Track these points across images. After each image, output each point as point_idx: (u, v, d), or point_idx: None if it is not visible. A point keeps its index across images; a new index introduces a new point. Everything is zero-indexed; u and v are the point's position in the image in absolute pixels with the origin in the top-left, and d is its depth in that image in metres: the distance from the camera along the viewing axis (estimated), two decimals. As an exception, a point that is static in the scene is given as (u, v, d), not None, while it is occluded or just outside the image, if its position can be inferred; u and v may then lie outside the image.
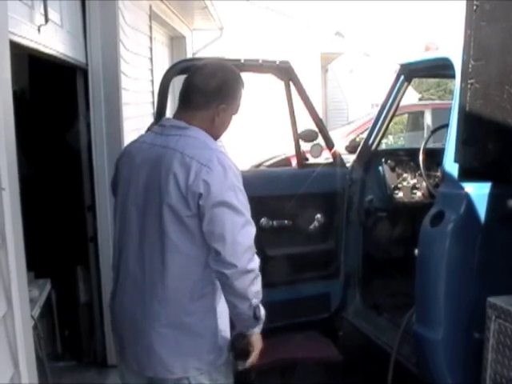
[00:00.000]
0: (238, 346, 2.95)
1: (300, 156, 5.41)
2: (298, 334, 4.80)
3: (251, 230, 2.83)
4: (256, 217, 4.82)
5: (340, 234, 5.51)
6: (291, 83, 5.21)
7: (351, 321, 5.57)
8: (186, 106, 2.99)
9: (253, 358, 2.99)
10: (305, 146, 5.47)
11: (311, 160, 5.53)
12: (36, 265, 4.36)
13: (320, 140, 5.39)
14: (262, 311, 2.92)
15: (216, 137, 3.03)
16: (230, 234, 2.73)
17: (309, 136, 5.29)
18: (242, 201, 2.82)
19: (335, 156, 5.50)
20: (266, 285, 4.93)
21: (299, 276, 5.25)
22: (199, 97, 2.94)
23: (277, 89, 5.29)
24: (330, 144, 5.50)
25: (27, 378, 2.15)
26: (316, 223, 5.25)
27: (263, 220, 4.99)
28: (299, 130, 5.32)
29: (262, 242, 4.93)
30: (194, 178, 2.72)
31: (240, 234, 2.76)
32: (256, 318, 2.87)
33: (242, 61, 5.06)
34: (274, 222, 5.03)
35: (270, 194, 5.05)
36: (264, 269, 4.87)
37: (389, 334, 4.97)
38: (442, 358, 4.09)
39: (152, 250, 2.86)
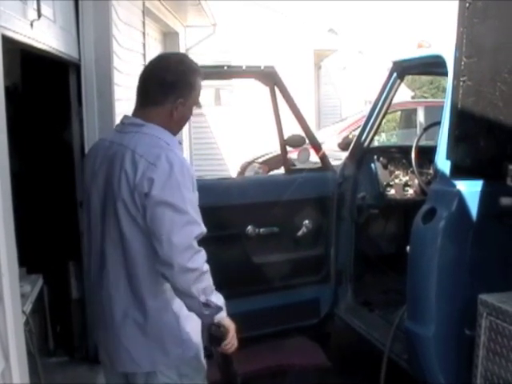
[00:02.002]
0: (216, 334, 2.94)
1: (286, 161, 5.38)
2: (286, 340, 4.80)
3: (192, 230, 2.76)
4: (243, 224, 4.85)
5: (330, 238, 5.49)
6: (276, 88, 5.17)
7: (343, 317, 5.57)
8: (144, 103, 2.99)
9: (231, 339, 2.97)
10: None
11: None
12: (28, 260, 4.35)
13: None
14: (216, 299, 2.85)
15: (176, 131, 3.04)
16: (166, 234, 2.71)
17: (296, 141, 5.27)
18: (186, 199, 2.77)
19: (323, 160, 5.47)
20: (255, 292, 4.97)
21: (289, 282, 5.22)
22: (157, 92, 2.94)
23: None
24: (318, 148, 5.47)
25: (18, 373, 2.14)
26: (305, 229, 5.22)
27: (249, 228, 4.96)
28: (288, 135, 5.29)
29: (250, 249, 4.94)
30: (140, 176, 2.73)
31: (177, 234, 2.71)
32: (212, 307, 2.82)
33: (225, 67, 5.05)
34: (261, 230, 5.00)
35: (257, 201, 5.03)
36: (253, 276, 4.91)
37: (380, 331, 4.98)
38: (433, 354, 4.10)
39: (113, 247, 2.89)
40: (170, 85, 2.93)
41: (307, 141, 5.34)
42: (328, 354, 4.69)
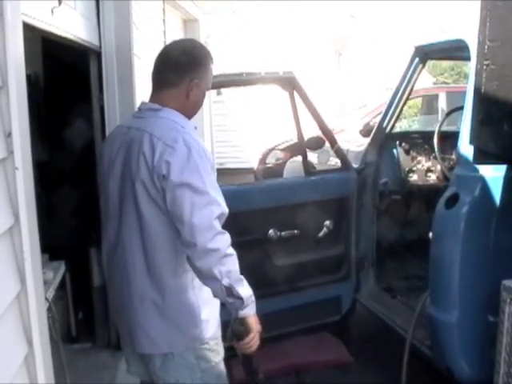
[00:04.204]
0: (235, 330, 2.93)
1: (307, 164, 5.35)
2: (309, 336, 4.82)
3: (212, 210, 2.78)
4: (265, 228, 4.87)
5: (350, 237, 5.49)
6: (295, 93, 5.15)
7: (365, 304, 5.58)
8: (159, 86, 3.05)
9: (251, 340, 2.96)
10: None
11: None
12: (51, 247, 4.38)
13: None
14: (244, 290, 2.85)
15: (191, 114, 3.09)
16: (187, 215, 2.73)
17: (316, 144, 5.30)
18: (206, 181, 2.79)
19: (343, 160, 5.44)
20: (279, 293, 5.02)
21: (311, 282, 5.26)
22: (172, 73, 3.00)
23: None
24: (337, 150, 5.44)
25: (41, 357, 2.15)
26: (325, 229, 5.23)
27: (271, 231, 4.97)
28: (307, 137, 5.32)
29: (272, 252, 4.97)
30: (158, 158, 2.78)
31: (198, 215, 2.73)
32: (235, 296, 2.82)
33: (244, 75, 5.07)
34: (283, 233, 5.01)
35: (278, 204, 5.03)
36: (276, 278, 4.96)
37: (403, 317, 4.97)
38: (456, 340, 4.09)
39: (131, 230, 2.93)
40: (184, 65, 2.99)
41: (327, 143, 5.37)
42: (349, 348, 4.69)
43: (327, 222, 5.22)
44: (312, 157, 5.79)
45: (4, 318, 1.93)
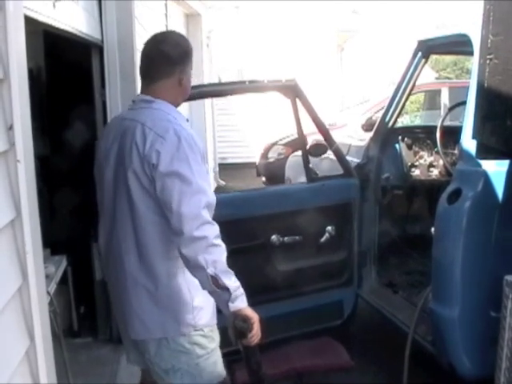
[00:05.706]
0: (239, 327, 2.91)
1: (309, 171, 5.33)
2: (311, 341, 4.82)
3: (200, 199, 2.82)
4: (268, 234, 4.86)
5: (352, 243, 5.48)
6: (298, 100, 5.11)
7: (367, 299, 5.57)
8: (151, 78, 3.12)
9: (255, 332, 2.93)
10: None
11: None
12: (52, 242, 4.38)
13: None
14: (231, 282, 2.83)
15: (181, 102, 3.20)
16: (176, 203, 2.79)
17: (318, 150, 5.30)
18: (194, 170, 2.84)
19: (345, 167, 5.41)
20: (282, 297, 5.02)
21: (313, 287, 5.25)
22: (164, 65, 3.08)
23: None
24: (340, 157, 5.42)
25: (43, 352, 2.15)
26: (328, 235, 5.22)
27: (274, 237, 4.96)
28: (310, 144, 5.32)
29: (275, 257, 4.98)
30: (149, 147, 2.85)
31: (186, 204, 2.78)
32: (221, 287, 2.80)
33: (247, 82, 5.11)
34: (285, 238, 5.00)
35: (281, 210, 5.02)
36: (279, 282, 4.96)
37: (404, 313, 4.97)
38: (458, 336, 4.08)
39: (124, 218, 3.00)
40: (176, 58, 3.09)
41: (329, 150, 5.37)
42: (350, 349, 4.70)
43: (329, 228, 5.22)
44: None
45: (5, 312, 1.93)
